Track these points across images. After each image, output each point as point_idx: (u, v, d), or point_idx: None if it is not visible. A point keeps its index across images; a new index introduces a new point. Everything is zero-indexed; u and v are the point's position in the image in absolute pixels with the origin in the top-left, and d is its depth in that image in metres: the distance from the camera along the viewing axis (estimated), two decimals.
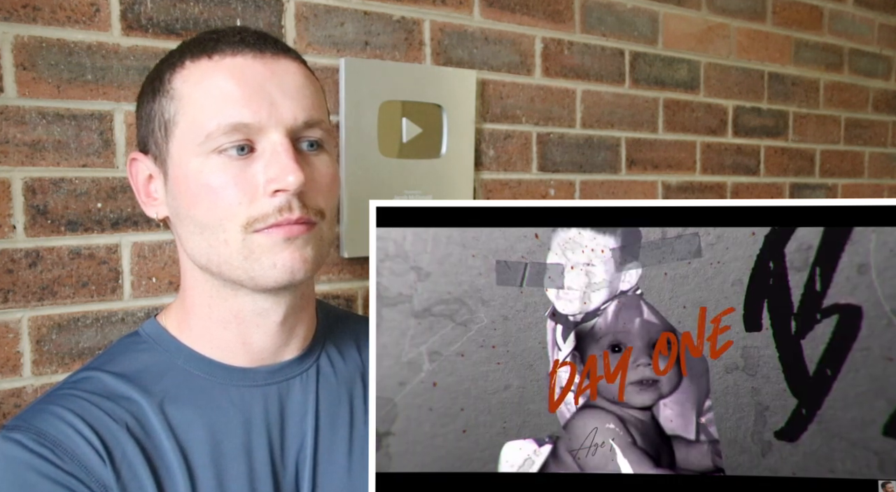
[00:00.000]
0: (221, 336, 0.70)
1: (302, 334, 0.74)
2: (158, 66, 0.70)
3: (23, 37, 0.88)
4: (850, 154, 1.92)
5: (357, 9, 1.12)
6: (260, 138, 0.64)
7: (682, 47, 1.55)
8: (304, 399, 0.72)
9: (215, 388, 0.69)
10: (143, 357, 0.70)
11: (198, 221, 0.65)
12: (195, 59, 0.66)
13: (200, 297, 0.70)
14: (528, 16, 1.31)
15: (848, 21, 1.87)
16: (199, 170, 0.64)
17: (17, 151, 0.89)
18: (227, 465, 0.67)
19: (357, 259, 1.14)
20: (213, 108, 0.64)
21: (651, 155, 1.51)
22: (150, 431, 0.66)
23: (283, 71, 0.66)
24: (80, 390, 0.67)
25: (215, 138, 0.63)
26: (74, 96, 0.92)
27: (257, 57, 0.65)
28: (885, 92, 1.99)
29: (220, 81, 0.64)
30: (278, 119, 0.64)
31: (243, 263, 0.65)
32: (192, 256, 0.68)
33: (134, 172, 0.71)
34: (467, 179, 1.23)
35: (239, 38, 0.66)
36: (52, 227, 0.91)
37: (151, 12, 0.96)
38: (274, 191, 0.64)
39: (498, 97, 1.29)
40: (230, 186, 0.64)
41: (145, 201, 0.71)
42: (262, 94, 0.64)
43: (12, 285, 0.89)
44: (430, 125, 1.18)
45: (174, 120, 0.66)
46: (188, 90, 0.65)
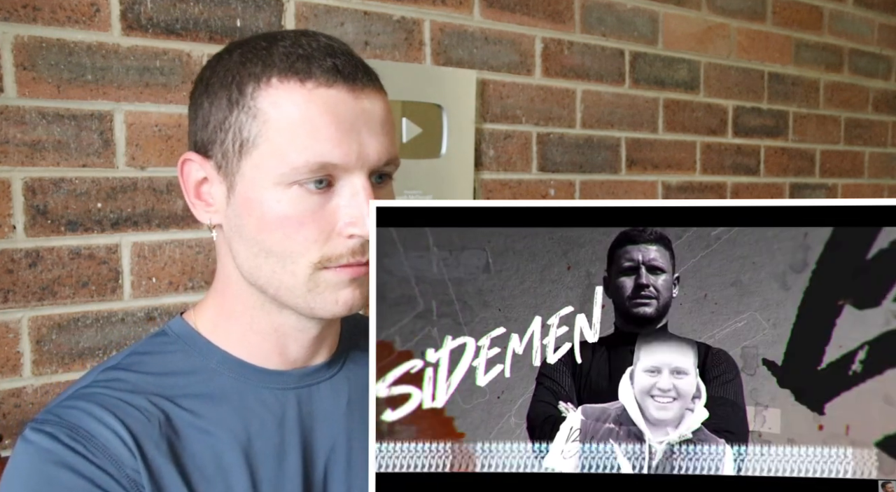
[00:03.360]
0: (259, 344, 0.70)
1: (330, 342, 0.75)
2: (235, 70, 0.65)
3: (23, 37, 0.88)
4: (850, 154, 1.92)
5: (357, 9, 1.12)
6: (342, 176, 0.64)
7: (682, 47, 1.55)
8: (335, 402, 0.72)
9: (248, 390, 0.69)
10: (175, 358, 0.69)
11: (266, 247, 0.64)
12: (284, 79, 0.63)
13: (243, 307, 0.69)
14: (528, 16, 1.31)
15: (848, 21, 1.87)
16: (276, 200, 0.63)
17: (17, 151, 0.89)
18: (259, 466, 0.67)
19: None
20: (302, 142, 0.62)
21: (651, 155, 1.51)
22: (182, 430, 0.65)
23: (373, 108, 0.65)
24: (111, 389, 0.66)
25: (300, 173, 0.62)
26: (74, 96, 0.92)
27: (350, 91, 0.64)
28: (885, 92, 1.99)
29: (312, 115, 0.62)
30: (364, 160, 0.64)
31: (305, 295, 0.65)
32: (246, 274, 0.67)
33: (186, 172, 0.68)
34: (467, 179, 1.23)
35: (332, 64, 0.64)
36: (52, 227, 0.91)
37: (151, 12, 0.96)
38: (351, 234, 0.63)
39: (498, 97, 1.29)
40: (307, 222, 0.63)
41: (196, 204, 0.68)
42: (353, 135, 0.63)
43: (12, 285, 0.89)
44: (430, 125, 1.18)
45: (254, 141, 0.63)
46: (276, 115, 0.63)
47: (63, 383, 0.92)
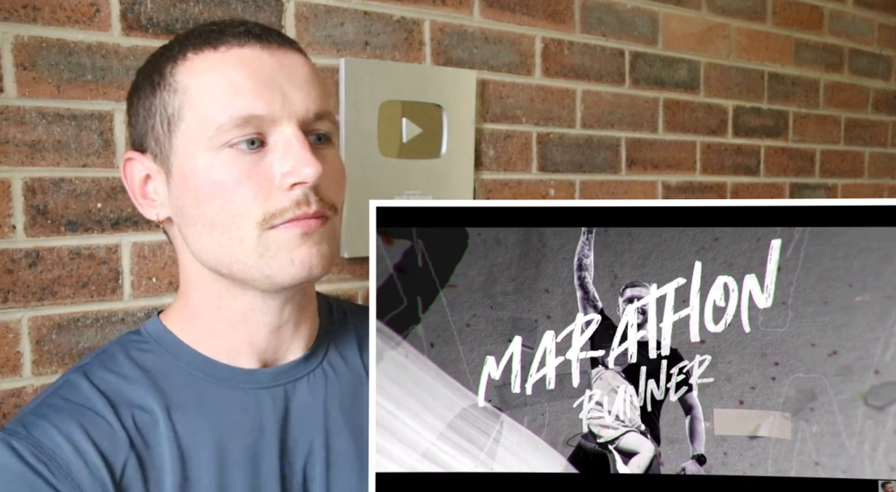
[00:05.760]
0: (228, 337, 0.68)
1: (306, 334, 0.72)
2: (154, 60, 0.67)
3: (23, 37, 0.88)
4: (850, 154, 1.92)
5: (357, 9, 1.12)
6: (272, 131, 0.63)
7: (682, 47, 1.55)
8: (312, 400, 0.70)
9: (221, 390, 0.67)
10: (147, 358, 0.68)
11: (208, 219, 0.63)
12: (198, 50, 0.64)
13: (207, 298, 0.68)
14: (528, 16, 1.31)
15: (848, 21, 1.87)
16: (208, 165, 0.62)
17: (17, 151, 0.89)
18: (231, 470, 0.65)
19: (357, 259, 1.14)
20: (223, 100, 0.62)
21: (651, 155, 1.51)
22: (151, 439, 0.64)
23: (292, 62, 0.65)
24: (80, 394, 0.64)
25: (226, 131, 0.61)
26: (74, 96, 0.92)
27: (265, 48, 0.64)
28: (885, 92, 1.99)
29: (229, 73, 0.62)
30: (291, 111, 0.63)
31: (258, 262, 0.63)
32: (199, 257, 0.66)
33: (129, 173, 0.68)
34: (467, 179, 1.23)
35: (244, 29, 0.64)
36: (52, 227, 0.91)
37: (151, 12, 0.96)
38: (291, 184, 0.62)
39: (498, 97, 1.29)
40: (244, 182, 0.62)
41: (142, 203, 0.68)
42: (273, 86, 0.62)
43: (12, 285, 0.89)
44: (430, 125, 1.18)
45: (179, 114, 0.63)
46: (194, 82, 0.63)
47: None
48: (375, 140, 1.12)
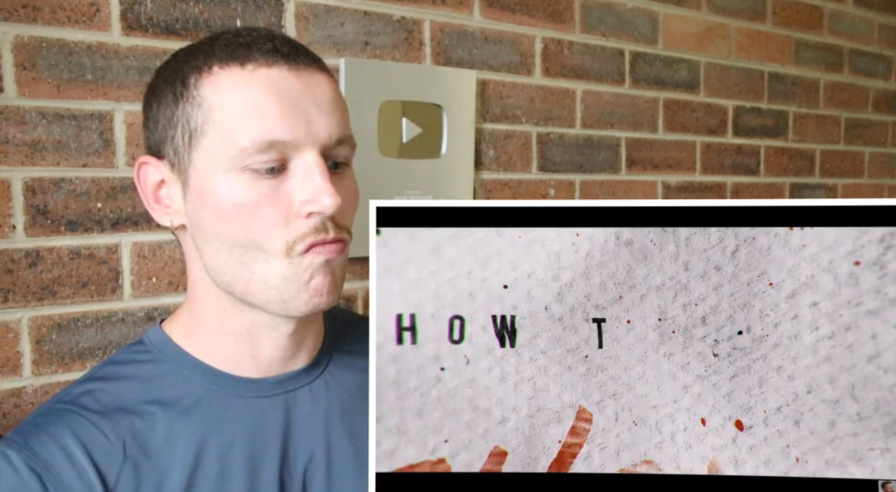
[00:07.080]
0: (231, 347, 0.68)
1: (311, 344, 0.72)
2: (177, 67, 0.66)
3: (23, 37, 0.88)
4: (850, 154, 1.92)
5: (357, 9, 1.12)
6: (293, 156, 0.62)
7: (682, 47, 1.55)
8: (313, 409, 0.70)
9: (222, 399, 0.67)
10: (148, 368, 0.68)
11: (228, 238, 0.63)
12: (224, 65, 0.63)
13: (212, 309, 0.68)
14: (528, 16, 1.31)
15: (848, 21, 1.87)
16: (229, 187, 0.62)
17: (17, 151, 0.89)
18: (231, 478, 0.65)
19: (357, 259, 1.14)
20: (248, 122, 0.61)
21: (651, 155, 1.51)
22: (149, 450, 0.64)
23: (317, 85, 0.64)
24: (80, 407, 0.64)
25: (249, 155, 0.61)
26: (74, 96, 0.92)
27: (292, 69, 0.63)
28: (885, 92, 1.99)
29: (255, 94, 0.61)
30: (314, 137, 0.62)
31: (280, 283, 0.63)
32: (213, 272, 0.66)
33: (142, 177, 0.67)
34: (467, 179, 1.23)
35: (271, 47, 0.63)
36: (52, 227, 0.91)
37: (151, 12, 0.96)
38: (309, 212, 0.62)
39: (498, 97, 1.29)
40: (264, 206, 0.61)
41: (155, 208, 0.68)
42: (298, 111, 0.62)
43: (12, 285, 0.89)
44: (430, 125, 1.18)
45: (202, 130, 0.63)
46: (219, 99, 0.62)
47: (63, 383, 0.92)
48: (375, 140, 1.12)
